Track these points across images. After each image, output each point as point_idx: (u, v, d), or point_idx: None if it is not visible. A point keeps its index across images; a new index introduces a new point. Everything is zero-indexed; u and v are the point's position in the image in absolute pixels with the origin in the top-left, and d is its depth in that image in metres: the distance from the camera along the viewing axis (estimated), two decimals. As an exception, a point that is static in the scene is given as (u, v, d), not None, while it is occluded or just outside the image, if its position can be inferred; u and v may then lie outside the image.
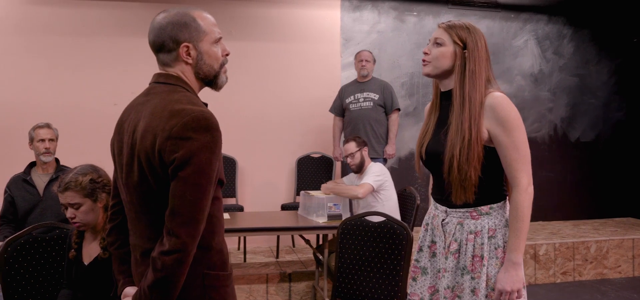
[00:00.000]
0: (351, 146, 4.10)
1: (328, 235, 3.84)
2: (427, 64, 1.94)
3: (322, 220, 3.82)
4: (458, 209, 1.90)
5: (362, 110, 5.00)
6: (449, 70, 1.91)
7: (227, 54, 1.72)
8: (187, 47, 1.60)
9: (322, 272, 4.16)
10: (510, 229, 1.82)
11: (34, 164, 3.75)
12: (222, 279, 1.61)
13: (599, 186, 6.51)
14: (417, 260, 2.06)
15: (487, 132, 1.84)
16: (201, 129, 1.48)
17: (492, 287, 1.84)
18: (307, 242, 4.24)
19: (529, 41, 6.27)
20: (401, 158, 5.87)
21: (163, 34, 1.60)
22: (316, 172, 5.52)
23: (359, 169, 4.12)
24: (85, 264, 2.19)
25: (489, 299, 1.85)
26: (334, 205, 3.91)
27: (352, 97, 5.08)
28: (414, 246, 2.44)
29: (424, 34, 5.93)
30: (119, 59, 5.16)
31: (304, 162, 5.57)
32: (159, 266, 1.46)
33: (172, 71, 1.63)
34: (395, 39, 5.83)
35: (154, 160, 1.49)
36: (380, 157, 4.92)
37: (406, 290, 2.38)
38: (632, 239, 5.21)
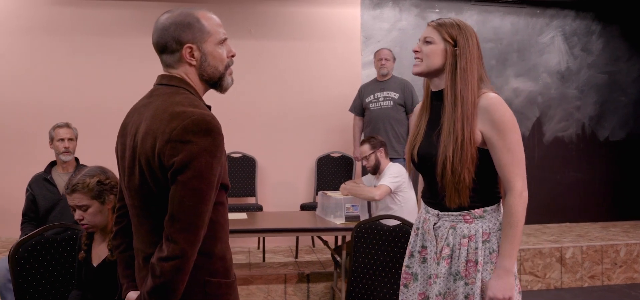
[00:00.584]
0: (365, 148, 4.04)
1: (346, 237, 3.79)
2: (417, 62, 1.89)
3: (339, 222, 3.77)
4: (451, 213, 1.85)
5: (382, 110, 4.93)
6: (439, 69, 1.86)
7: (233, 55, 1.67)
8: (191, 48, 1.56)
9: (340, 273, 4.11)
10: (503, 234, 1.75)
11: (54, 163, 3.80)
12: (224, 287, 1.57)
13: (629, 187, 6.30)
14: (408, 266, 2.00)
15: (481, 134, 1.78)
16: (201, 132, 1.44)
17: None
18: (325, 243, 4.19)
19: (556, 37, 6.10)
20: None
21: (166, 34, 1.57)
22: (336, 171, 5.47)
23: (375, 170, 4.05)
24: (94, 265, 2.18)
25: None
26: (352, 206, 3.86)
27: (371, 96, 5.01)
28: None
29: (446, 31, 5.79)
30: (140, 59, 5.19)
31: (324, 162, 5.52)
32: (158, 272, 1.44)
33: (176, 73, 1.59)
34: (416, 37, 5.70)
35: (153, 164, 1.46)
36: (400, 157, 4.84)
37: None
38: (664, 242, 5.02)
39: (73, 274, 2.35)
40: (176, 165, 1.42)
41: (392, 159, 4.35)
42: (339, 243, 4.59)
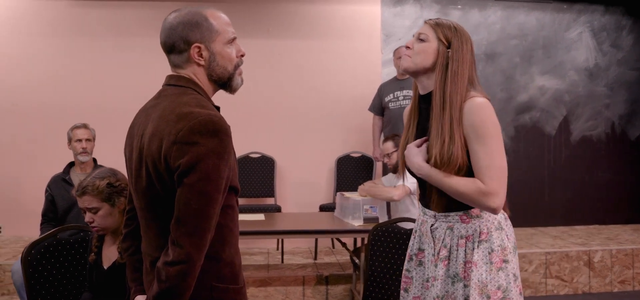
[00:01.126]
0: (388, 146, 3.97)
1: (365, 239, 3.71)
2: (407, 58, 1.84)
3: (357, 223, 3.70)
4: (447, 213, 1.80)
5: (402, 109, 4.84)
6: (429, 68, 1.82)
7: (242, 55, 1.63)
8: (199, 47, 1.53)
9: (359, 276, 4.04)
10: (442, 176, 1.73)
11: (72, 163, 3.82)
12: (232, 293, 1.52)
13: (661, 188, 6.08)
14: (408, 270, 1.96)
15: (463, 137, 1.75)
16: (208, 133, 1.39)
17: (488, 294, 1.72)
18: (344, 245, 4.12)
19: (584, 33, 5.92)
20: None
21: (174, 34, 1.54)
22: (356, 171, 5.39)
23: (397, 169, 3.97)
24: (105, 267, 2.17)
25: None
26: (371, 207, 3.78)
27: (391, 95, 4.93)
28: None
29: (469, 27, 5.63)
30: (160, 59, 5.19)
31: (344, 162, 5.45)
32: (163, 277, 1.40)
33: (184, 73, 1.56)
34: (438, 34, 5.61)
35: (160, 166, 1.43)
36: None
37: None
38: (699, 246, 4.82)
39: (85, 276, 2.34)
40: (182, 167, 1.38)
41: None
42: (358, 245, 4.52)
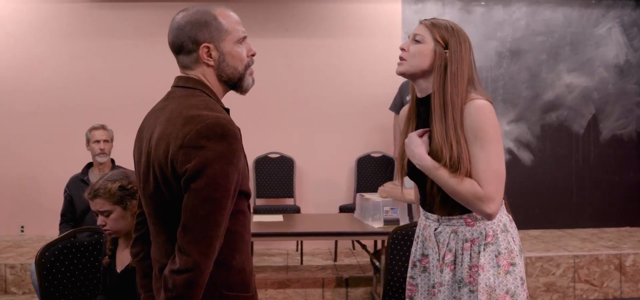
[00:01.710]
0: None
1: (385, 241, 3.64)
2: (402, 61, 1.76)
3: (377, 225, 3.62)
4: (451, 216, 1.74)
5: (424, 108, 4.74)
6: (426, 71, 1.74)
7: (253, 54, 1.57)
8: (208, 47, 1.47)
9: (379, 278, 3.97)
10: (443, 174, 1.67)
11: (91, 164, 3.83)
12: None
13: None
14: (412, 277, 1.90)
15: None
16: (216, 136, 1.34)
17: (496, 299, 1.67)
18: (364, 247, 4.05)
19: (613, 29, 5.73)
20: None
21: (182, 34, 1.49)
22: (376, 172, 5.31)
23: None
24: (118, 271, 2.13)
25: None
26: (391, 209, 3.69)
27: (413, 93, 4.82)
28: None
29: (492, 25, 5.55)
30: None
31: (364, 162, 5.38)
32: (170, 286, 1.36)
33: (193, 74, 1.51)
34: (461, 32, 5.50)
35: (167, 171, 1.38)
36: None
37: None
38: None
39: (99, 280, 2.31)
40: (189, 172, 1.33)
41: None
42: (379, 247, 4.44)
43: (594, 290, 4.41)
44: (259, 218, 4.00)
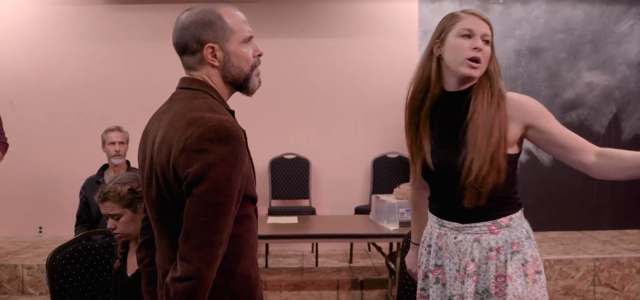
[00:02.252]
0: None
1: (400, 243, 3.59)
2: (478, 65, 1.65)
3: (392, 227, 3.59)
4: (474, 224, 1.65)
5: (441, 108, 4.68)
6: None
7: (260, 55, 1.52)
8: (212, 48, 1.44)
9: (394, 281, 3.92)
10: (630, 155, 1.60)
11: (106, 166, 3.85)
12: None
13: None
14: (423, 289, 1.80)
15: (520, 134, 1.66)
16: (219, 139, 1.31)
17: None
18: (379, 249, 4.01)
19: (636, 26, 5.58)
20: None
21: (186, 34, 1.46)
22: (393, 173, 5.26)
23: None
24: (128, 275, 2.12)
25: None
26: (406, 211, 3.65)
27: (429, 93, 4.77)
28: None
29: (511, 23, 5.46)
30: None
31: (380, 163, 5.33)
32: (172, 294, 1.33)
33: (197, 75, 1.48)
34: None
35: (169, 175, 1.36)
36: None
37: None
38: None
39: (111, 283, 2.31)
40: (191, 176, 1.30)
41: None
42: (394, 249, 4.39)
43: (614, 294, 4.31)
44: (273, 219, 3.98)
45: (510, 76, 5.45)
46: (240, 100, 1.52)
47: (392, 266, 3.79)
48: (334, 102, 5.45)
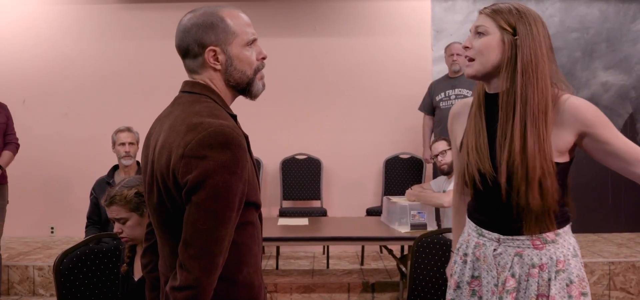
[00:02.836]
0: (442, 144, 3.78)
1: (412, 246, 3.54)
2: (470, 62, 1.55)
3: (404, 230, 3.53)
4: (516, 237, 1.53)
5: (454, 108, 4.61)
6: (498, 66, 1.52)
7: (264, 58, 1.49)
8: (214, 51, 1.41)
9: (406, 284, 3.87)
10: None
11: (117, 167, 3.84)
12: None
13: None
14: None
15: (573, 142, 1.50)
16: (218, 145, 1.28)
17: None
18: (390, 251, 3.96)
19: (653, 24, 5.48)
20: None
21: (187, 37, 1.43)
22: (405, 174, 5.21)
23: (451, 169, 3.77)
24: (135, 279, 2.10)
25: None
26: (418, 213, 3.60)
27: (442, 94, 4.71)
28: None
29: (525, 21, 5.37)
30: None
31: (393, 163, 5.28)
32: None
33: (199, 79, 1.45)
34: (492, 29, 5.33)
35: (169, 181, 1.33)
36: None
37: None
38: None
39: (118, 287, 2.29)
40: (190, 183, 1.27)
41: (463, 162, 4.04)
42: (406, 252, 4.34)
43: (630, 298, 4.22)
44: (284, 221, 3.95)
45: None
46: (248, 103, 1.49)
47: (404, 269, 3.74)
48: (346, 101, 5.41)
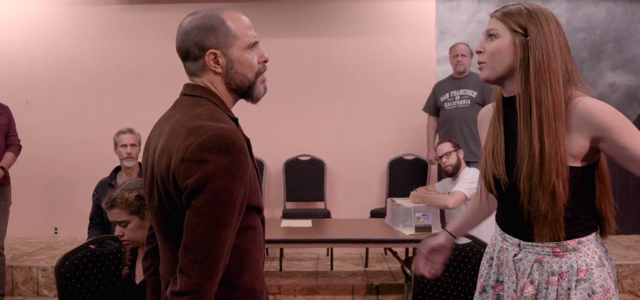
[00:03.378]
0: (447, 145, 3.76)
1: (417, 248, 3.51)
2: (483, 66, 1.52)
3: (408, 232, 3.50)
4: (536, 243, 1.49)
5: (459, 110, 4.58)
6: (511, 69, 1.48)
7: (265, 61, 1.47)
8: (214, 54, 1.39)
9: (410, 286, 3.84)
10: None
11: (119, 168, 3.82)
12: None
13: None
14: None
15: (588, 146, 1.44)
16: (219, 149, 1.26)
17: None
18: (394, 254, 3.93)
19: (661, 24, 5.42)
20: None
21: (188, 39, 1.41)
22: (409, 175, 5.17)
23: (455, 171, 3.74)
24: (137, 282, 2.08)
25: None
26: (423, 215, 3.57)
27: (447, 94, 4.68)
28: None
29: (531, 21, 5.32)
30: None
31: (397, 165, 5.24)
32: None
33: (200, 81, 1.43)
34: (498, 29, 5.29)
35: (169, 185, 1.31)
36: (478, 161, 4.46)
37: None
38: None
39: (119, 290, 2.27)
40: (190, 188, 1.26)
41: (468, 163, 4.01)
42: (410, 254, 4.31)
43: (639, 301, 4.18)
44: (287, 223, 3.93)
45: (530, 76, 5.32)
46: (253, 103, 1.47)
47: (408, 271, 3.72)
48: (349, 102, 5.38)
